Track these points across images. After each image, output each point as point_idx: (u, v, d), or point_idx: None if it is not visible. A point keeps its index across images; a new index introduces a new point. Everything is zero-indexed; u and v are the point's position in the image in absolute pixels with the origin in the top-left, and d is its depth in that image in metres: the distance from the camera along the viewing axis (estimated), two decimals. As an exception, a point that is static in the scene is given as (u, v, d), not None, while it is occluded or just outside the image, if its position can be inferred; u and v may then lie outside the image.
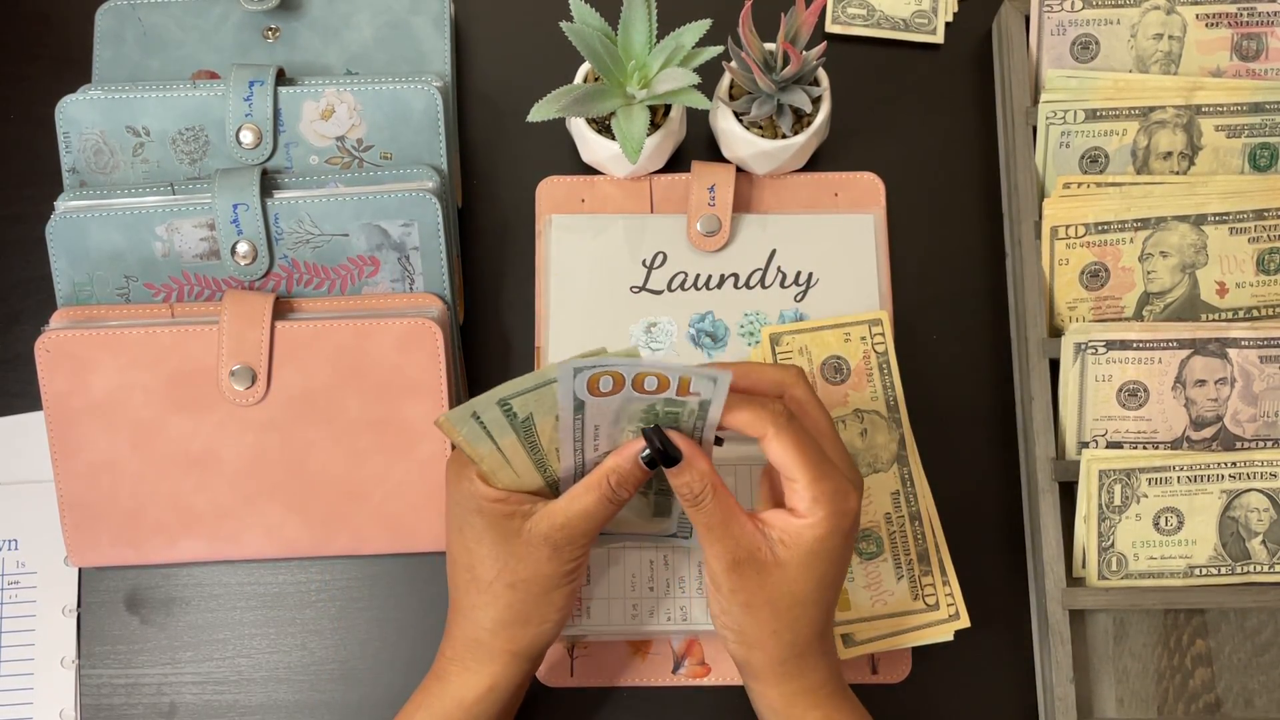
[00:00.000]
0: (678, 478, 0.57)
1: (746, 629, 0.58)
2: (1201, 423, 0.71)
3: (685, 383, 0.54)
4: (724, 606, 0.58)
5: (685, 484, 0.57)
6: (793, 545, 0.57)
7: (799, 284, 0.75)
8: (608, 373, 0.54)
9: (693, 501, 0.57)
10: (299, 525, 0.70)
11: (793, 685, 0.59)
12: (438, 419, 0.56)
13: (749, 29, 0.67)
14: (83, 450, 0.70)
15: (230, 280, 0.71)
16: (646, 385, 0.55)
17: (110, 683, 0.72)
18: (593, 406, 0.55)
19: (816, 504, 0.56)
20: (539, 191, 0.77)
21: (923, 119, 0.79)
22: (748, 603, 0.57)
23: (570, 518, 0.58)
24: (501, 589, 0.59)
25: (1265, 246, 0.73)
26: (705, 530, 0.57)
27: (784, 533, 0.57)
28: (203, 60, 0.76)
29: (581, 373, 0.54)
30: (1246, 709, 0.70)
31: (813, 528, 0.56)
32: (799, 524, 0.57)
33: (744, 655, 0.59)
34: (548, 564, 0.59)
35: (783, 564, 0.57)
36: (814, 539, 0.57)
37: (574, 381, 0.54)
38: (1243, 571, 0.70)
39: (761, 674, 0.59)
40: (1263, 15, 0.75)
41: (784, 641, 0.58)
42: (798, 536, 0.57)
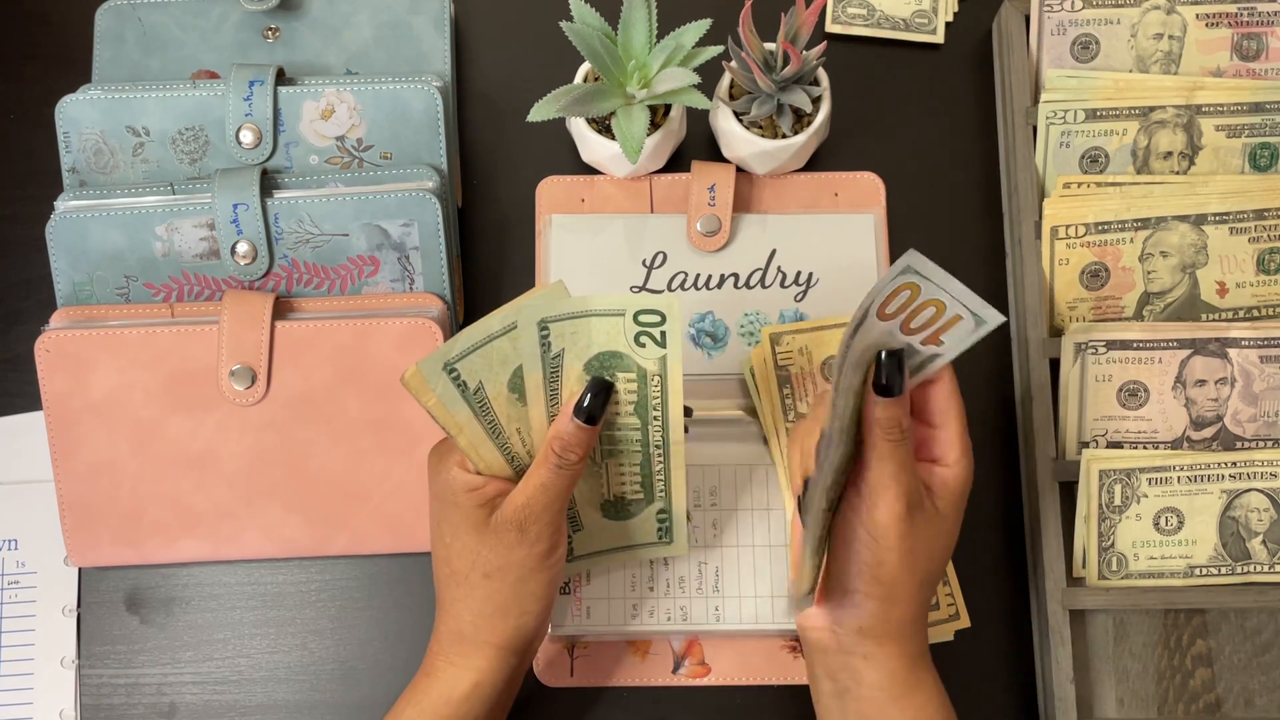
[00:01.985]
0: (889, 409, 0.56)
1: (900, 580, 0.58)
2: (1202, 423, 0.71)
3: (949, 324, 0.56)
4: (880, 558, 0.58)
5: (895, 418, 0.56)
6: (944, 495, 0.58)
7: (799, 284, 0.75)
8: (910, 286, 0.55)
9: (898, 436, 0.56)
10: (299, 525, 0.71)
11: (915, 646, 0.60)
12: (404, 373, 0.55)
13: (749, 29, 0.67)
14: (82, 450, 0.70)
15: (230, 280, 0.71)
16: (916, 320, 0.56)
17: (110, 683, 0.72)
18: (864, 330, 0.56)
19: (965, 455, 0.58)
20: (539, 191, 0.77)
21: (923, 119, 0.79)
22: (911, 550, 0.57)
23: (530, 495, 0.58)
24: (478, 580, 0.59)
25: (1265, 246, 0.73)
26: (896, 469, 0.56)
27: (937, 484, 0.58)
28: (203, 60, 0.76)
29: (905, 274, 0.55)
30: (1247, 709, 0.70)
31: (960, 476, 0.58)
32: (946, 472, 0.58)
33: (881, 613, 0.59)
34: (517, 548, 0.59)
35: (943, 516, 0.58)
36: (961, 487, 0.58)
37: (891, 281, 0.55)
38: (1243, 571, 0.70)
39: (890, 635, 0.59)
40: (1263, 15, 0.75)
41: (924, 598, 0.59)
42: (946, 485, 0.58)
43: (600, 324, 0.58)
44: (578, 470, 0.59)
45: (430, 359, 0.55)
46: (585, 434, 0.58)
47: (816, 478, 0.58)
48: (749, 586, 0.70)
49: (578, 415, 0.58)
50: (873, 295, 0.55)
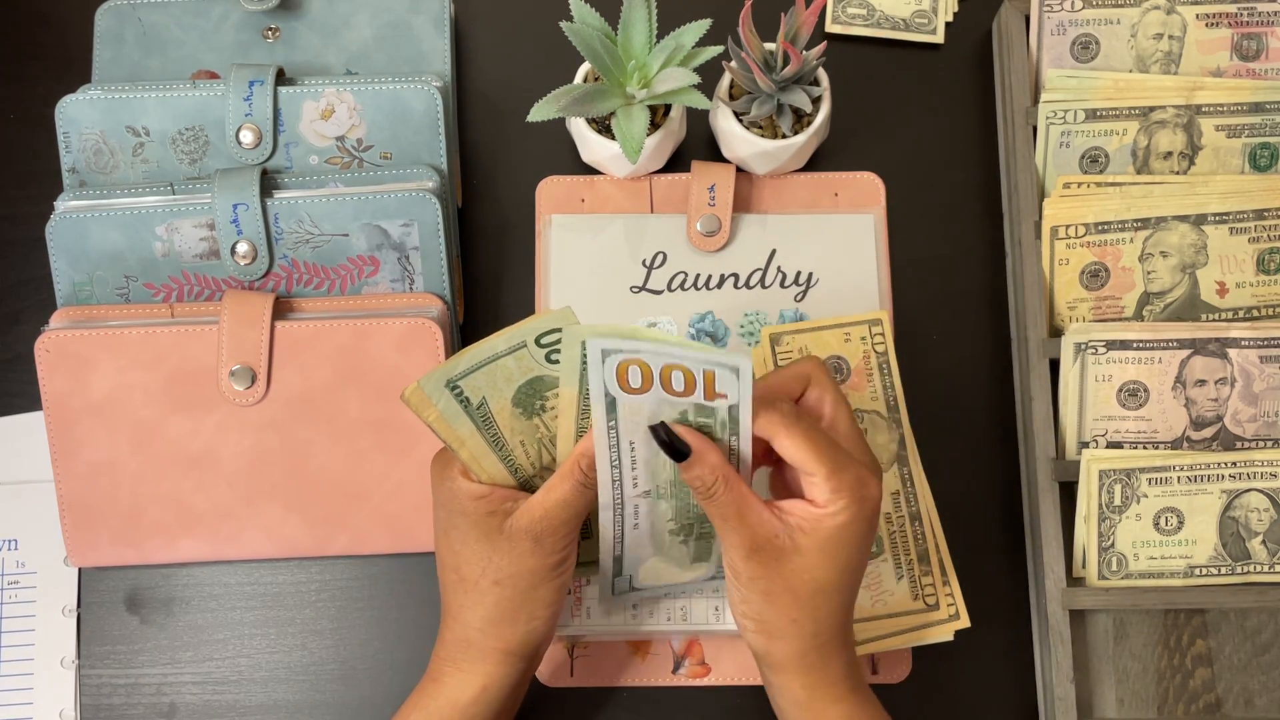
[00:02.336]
0: (688, 471, 0.56)
1: (767, 618, 0.58)
2: (1202, 423, 0.71)
3: (710, 379, 0.54)
4: (744, 595, 0.58)
5: (696, 477, 0.56)
6: (812, 532, 0.57)
7: (799, 284, 0.75)
8: (635, 362, 0.53)
9: (705, 494, 0.57)
10: (299, 525, 0.71)
11: (814, 677, 0.59)
12: (404, 391, 0.55)
13: (749, 29, 0.67)
14: (82, 450, 0.70)
15: (230, 280, 0.71)
16: (674, 384, 0.55)
17: (110, 683, 0.72)
18: (624, 408, 0.55)
19: (837, 495, 0.56)
20: (539, 191, 0.77)
21: (923, 119, 0.79)
22: (767, 590, 0.57)
23: (548, 509, 0.58)
24: (488, 586, 0.59)
25: (1265, 246, 0.73)
26: (720, 521, 0.57)
27: (803, 520, 0.57)
28: (203, 60, 0.76)
29: (611, 356, 0.53)
30: (1247, 709, 0.70)
31: (834, 516, 0.56)
32: (819, 513, 0.57)
33: (764, 646, 0.59)
34: (531, 558, 0.59)
35: (802, 550, 0.57)
36: (835, 526, 0.56)
37: (603, 368, 0.54)
38: (1243, 571, 0.70)
39: (782, 665, 0.59)
40: (1263, 15, 0.75)
41: (805, 631, 0.58)
42: (817, 524, 0.57)
43: None
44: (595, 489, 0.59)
45: (432, 376, 0.55)
46: None
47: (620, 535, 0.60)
48: (749, 586, 0.70)
49: None
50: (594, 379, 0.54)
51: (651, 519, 0.60)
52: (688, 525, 0.61)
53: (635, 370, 0.54)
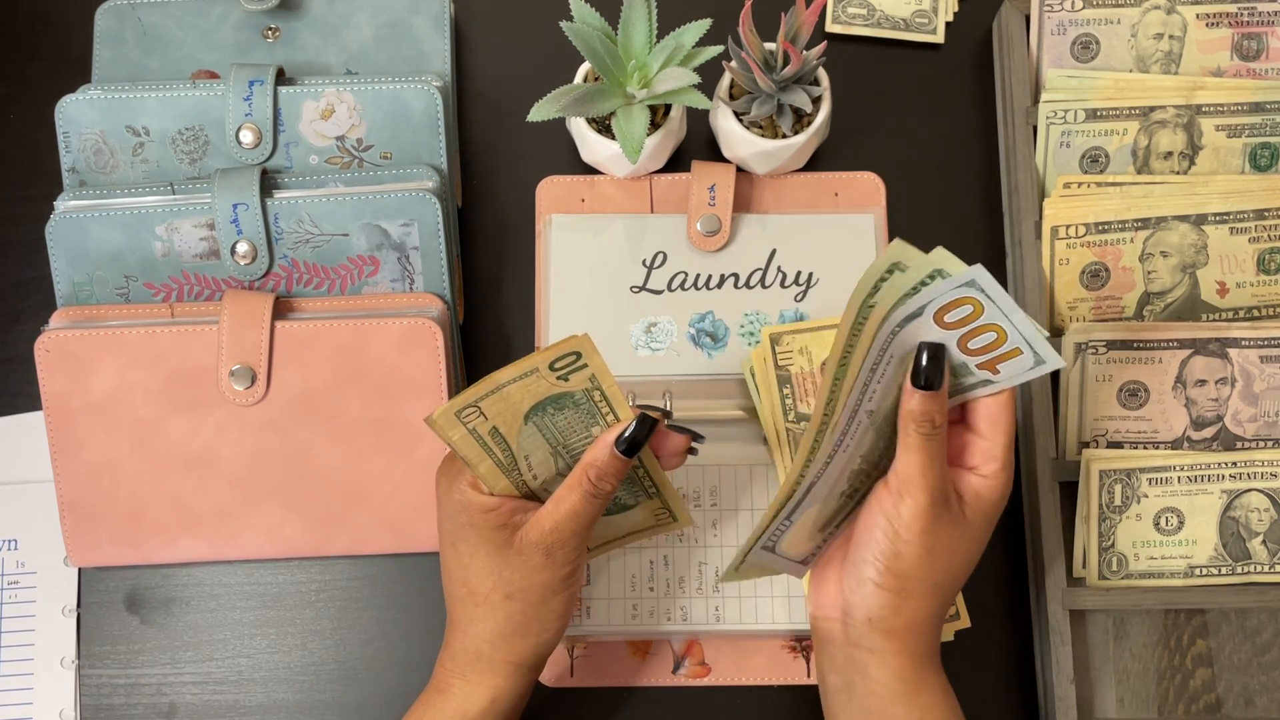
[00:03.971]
0: (928, 402, 0.56)
1: (914, 575, 0.58)
2: (1202, 423, 0.71)
3: (1008, 356, 0.56)
4: (903, 549, 0.57)
5: (929, 413, 0.56)
6: (975, 504, 0.58)
7: (799, 284, 0.75)
8: (971, 301, 0.54)
9: (930, 431, 0.56)
10: (299, 525, 0.70)
11: (924, 646, 0.59)
12: (428, 416, 0.55)
13: (749, 29, 0.67)
14: (82, 450, 0.70)
15: (230, 280, 0.71)
16: (973, 343, 0.56)
17: (110, 683, 0.72)
18: (915, 328, 0.55)
19: (1004, 468, 0.57)
20: (539, 191, 0.77)
21: (923, 119, 0.79)
22: (930, 547, 0.57)
23: (558, 520, 0.58)
24: (499, 600, 0.59)
25: (1265, 246, 0.73)
26: (927, 464, 0.56)
27: (969, 491, 0.58)
28: (203, 60, 0.76)
29: (967, 289, 0.53)
30: (1247, 709, 0.70)
31: (995, 489, 0.58)
32: (981, 482, 0.58)
33: (893, 606, 0.58)
34: (542, 570, 0.59)
35: (969, 522, 0.58)
36: (995, 501, 0.58)
37: (949, 292, 0.54)
38: (1243, 571, 0.70)
39: (899, 630, 0.58)
40: (1263, 15, 0.75)
41: (939, 599, 0.59)
42: (978, 495, 0.58)
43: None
44: (608, 498, 0.59)
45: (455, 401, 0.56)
46: (621, 464, 0.58)
47: (834, 452, 0.58)
48: (749, 587, 0.70)
49: (618, 446, 0.58)
50: (930, 294, 0.54)
51: (856, 445, 0.59)
52: (864, 471, 0.60)
53: (965, 310, 0.54)
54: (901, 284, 0.54)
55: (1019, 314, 0.54)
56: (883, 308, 0.55)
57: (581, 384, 0.57)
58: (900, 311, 0.55)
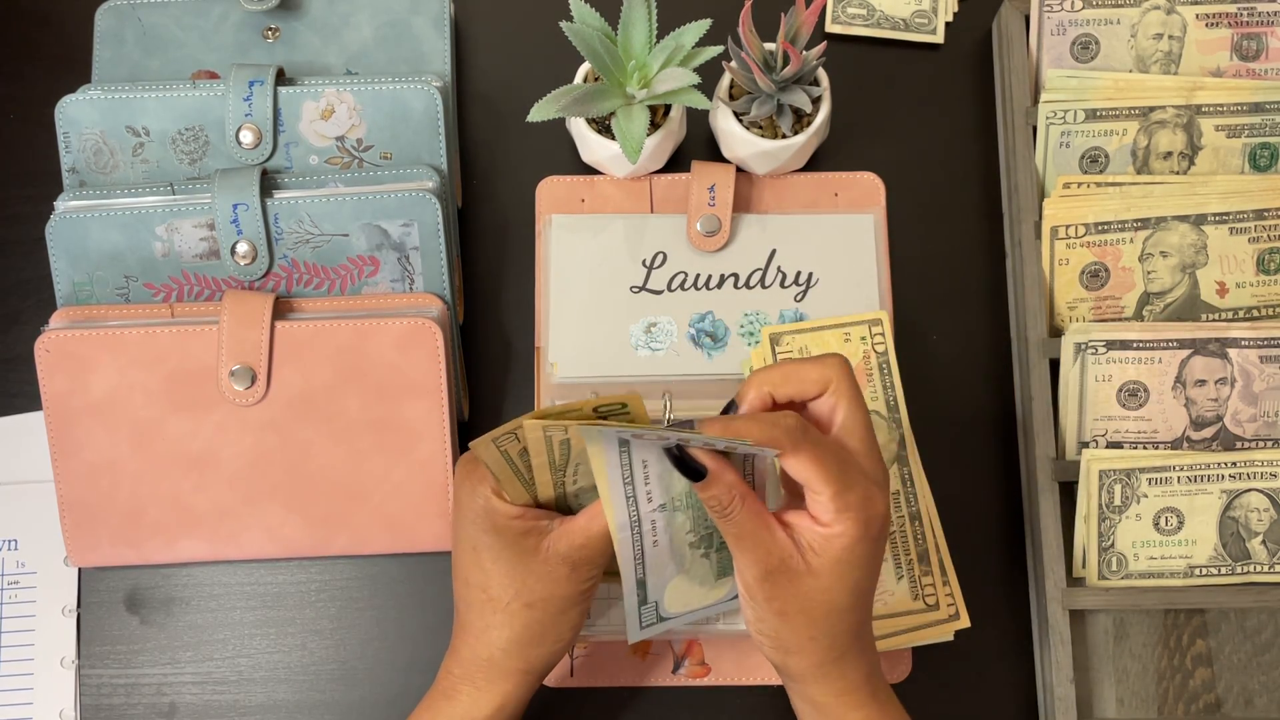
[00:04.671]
0: (704, 491, 0.56)
1: (783, 636, 0.58)
2: (1201, 423, 0.71)
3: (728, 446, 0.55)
4: (759, 614, 0.58)
5: (713, 497, 0.56)
6: (822, 553, 0.56)
7: (799, 284, 0.75)
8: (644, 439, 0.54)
9: (721, 514, 0.56)
10: (299, 525, 0.70)
11: (834, 685, 0.59)
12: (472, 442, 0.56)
13: (749, 29, 0.67)
14: (83, 450, 0.70)
15: (230, 280, 0.71)
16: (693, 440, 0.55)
17: (110, 683, 0.72)
18: (637, 444, 0.55)
19: (842, 515, 0.55)
20: (539, 191, 0.77)
21: (923, 119, 0.79)
22: (782, 611, 0.57)
23: (590, 538, 0.58)
24: (519, 609, 0.59)
25: (1265, 246, 0.73)
26: (736, 540, 0.56)
27: (812, 541, 0.56)
28: (203, 60, 0.76)
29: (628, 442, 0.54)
30: (1247, 709, 0.70)
31: (840, 536, 0.56)
32: (826, 533, 0.56)
33: (781, 660, 0.59)
34: (566, 583, 0.59)
35: (815, 572, 0.56)
36: (842, 548, 0.56)
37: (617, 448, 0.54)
38: (1243, 571, 0.70)
39: (801, 676, 0.59)
40: (1263, 15, 0.75)
41: (821, 646, 0.58)
42: (826, 545, 0.56)
43: None
44: None
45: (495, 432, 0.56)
46: None
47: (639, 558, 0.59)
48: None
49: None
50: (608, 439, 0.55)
51: (670, 532, 0.59)
52: (707, 535, 0.60)
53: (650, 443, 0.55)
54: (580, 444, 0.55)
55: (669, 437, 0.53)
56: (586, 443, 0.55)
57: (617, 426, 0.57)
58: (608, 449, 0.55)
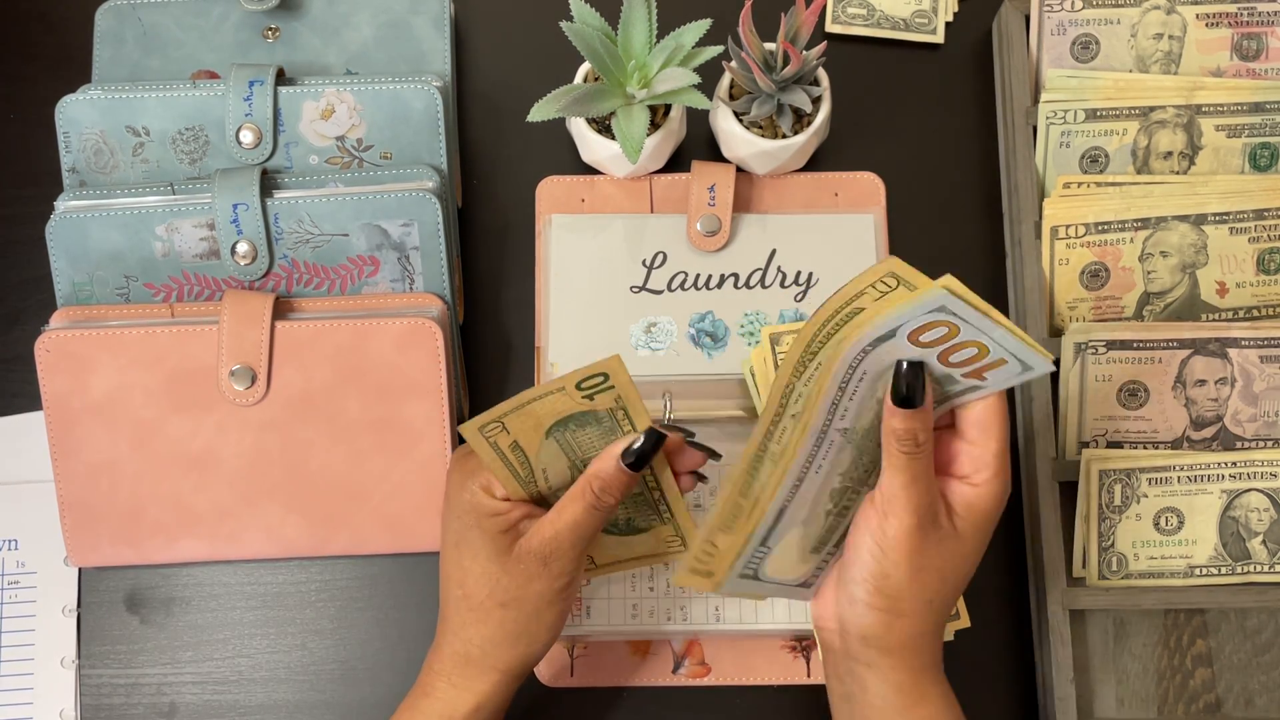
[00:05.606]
0: (908, 420, 0.54)
1: (905, 595, 0.56)
2: (1202, 422, 0.71)
3: (993, 365, 0.53)
4: (886, 570, 0.56)
5: (910, 430, 0.54)
6: (967, 516, 0.56)
7: (799, 284, 0.75)
8: (947, 324, 0.52)
9: (912, 450, 0.55)
10: (299, 525, 0.70)
11: (922, 660, 0.58)
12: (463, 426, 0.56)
13: (749, 29, 0.67)
14: (83, 450, 0.70)
15: (230, 280, 0.71)
16: (955, 356, 0.53)
17: (110, 683, 0.72)
18: (888, 348, 0.53)
19: (996, 477, 0.55)
20: (539, 191, 0.77)
21: (923, 119, 0.79)
22: (920, 566, 0.56)
23: (559, 530, 0.58)
24: (493, 607, 0.59)
25: (1265, 246, 0.73)
26: (909, 482, 0.55)
27: (962, 503, 0.56)
28: (203, 60, 0.76)
29: (935, 313, 0.51)
30: (1247, 709, 0.70)
31: (987, 498, 0.56)
32: (972, 492, 0.56)
33: (884, 625, 0.57)
34: (539, 580, 0.59)
35: (961, 536, 0.56)
36: (988, 512, 0.56)
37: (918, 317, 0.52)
38: (1243, 571, 0.70)
39: (897, 647, 0.58)
40: (1263, 15, 0.75)
41: (934, 613, 0.57)
42: (972, 508, 0.56)
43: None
44: (611, 511, 0.59)
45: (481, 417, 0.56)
46: (626, 478, 0.58)
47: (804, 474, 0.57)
48: (749, 586, 0.70)
49: (625, 459, 0.58)
50: (900, 317, 0.52)
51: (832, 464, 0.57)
52: (846, 489, 0.59)
53: (939, 331, 0.52)
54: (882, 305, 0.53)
55: (998, 330, 0.52)
56: (855, 327, 0.54)
57: (607, 404, 0.57)
58: (870, 332, 0.53)
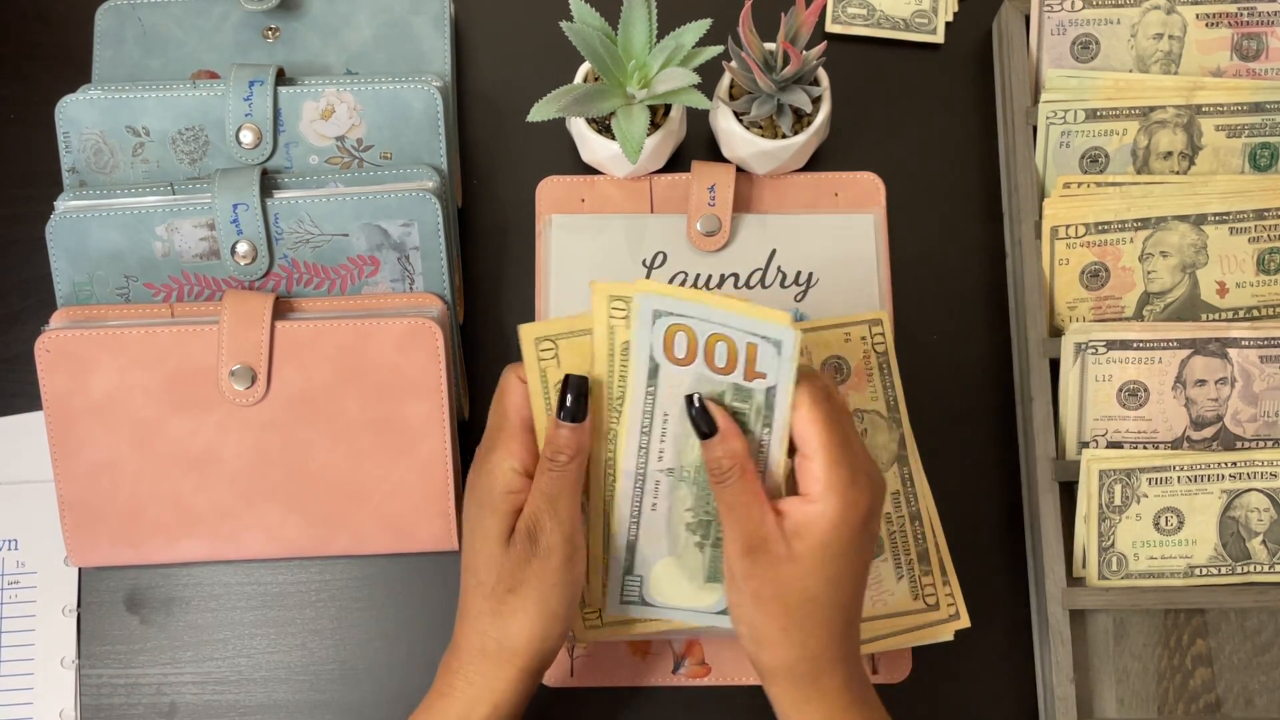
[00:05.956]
0: (709, 451, 0.56)
1: (757, 624, 0.57)
2: (1202, 422, 0.71)
3: (751, 355, 0.54)
4: (737, 598, 0.57)
5: (715, 459, 0.56)
6: (804, 536, 0.56)
7: (799, 284, 0.75)
8: (683, 328, 0.53)
9: (719, 478, 0.56)
10: (299, 525, 0.70)
11: (805, 690, 0.58)
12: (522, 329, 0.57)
13: (749, 29, 0.67)
14: (83, 450, 0.70)
15: (230, 280, 0.71)
16: (717, 358, 0.54)
17: (110, 683, 0.72)
18: (665, 377, 0.55)
19: (829, 490, 0.55)
20: (539, 191, 0.77)
21: (923, 119, 0.79)
22: (758, 593, 0.56)
23: (533, 503, 0.58)
24: (504, 594, 0.58)
25: (1265, 246, 0.73)
26: (726, 511, 0.56)
27: (796, 524, 0.56)
28: (203, 60, 0.76)
29: (661, 319, 0.53)
30: (1247, 709, 0.70)
31: (823, 516, 0.55)
32: (809, 511, 0.55)
33: (754, 654, 0.59)
34: (532, 560, 0.58)
35: (796, 558, 0.56)
36: (824, 529, 0.55)
37: (652, 331, 0.54)
38: (1243, 571, 0.70)
39: (772, 675, 0.58)
40: (1263, 15, 0.75)
41: (794, 641, 0.57)
42: (809, 527, 0.55)
43: None
44: (571, 472, 0.58)
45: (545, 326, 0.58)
46: (570, 432, 0.58)
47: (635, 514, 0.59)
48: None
49: (560, 415, 0.58)
50: (638, 341, 0.55)
51: (671, 501, 0.59)
52: (706, 522, 0.60)
53: (682, 338, 0.54)
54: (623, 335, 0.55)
55: (718, 312, 0.53)
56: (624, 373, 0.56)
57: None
58: (636, 371, 0.55)
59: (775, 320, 0.54)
